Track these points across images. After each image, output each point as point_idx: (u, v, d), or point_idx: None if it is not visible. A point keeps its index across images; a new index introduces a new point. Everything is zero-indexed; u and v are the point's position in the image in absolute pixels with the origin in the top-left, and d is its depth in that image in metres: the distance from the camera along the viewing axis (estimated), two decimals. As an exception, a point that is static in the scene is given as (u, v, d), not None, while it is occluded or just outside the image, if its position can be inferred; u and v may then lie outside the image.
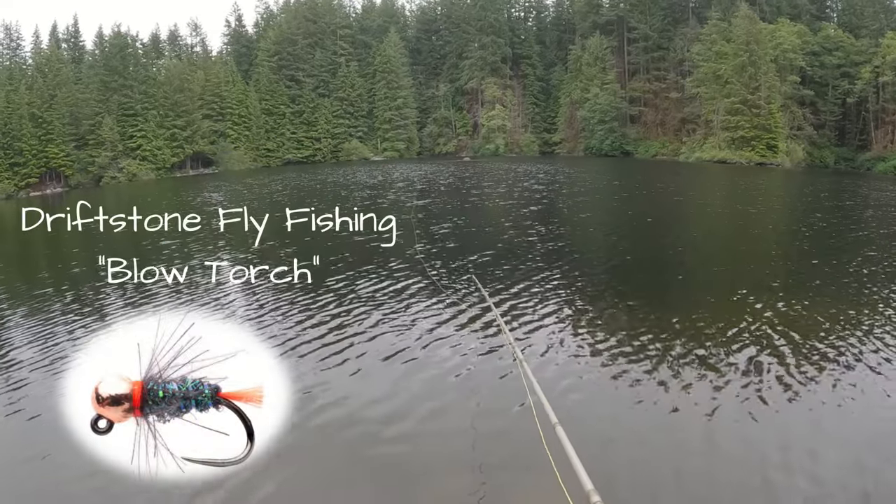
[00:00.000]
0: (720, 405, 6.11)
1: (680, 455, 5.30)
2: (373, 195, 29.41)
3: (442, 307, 9.33)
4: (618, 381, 6.71)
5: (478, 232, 17.57)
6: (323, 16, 78.33)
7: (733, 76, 53.49)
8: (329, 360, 7.37)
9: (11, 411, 6.34)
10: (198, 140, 62.22)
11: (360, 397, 6.31)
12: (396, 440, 5.49)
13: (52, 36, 70.90)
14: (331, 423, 5.75)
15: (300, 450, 5.06)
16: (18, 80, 56.75)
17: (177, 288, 10.84)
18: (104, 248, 12.38)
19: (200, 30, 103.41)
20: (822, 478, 4.84)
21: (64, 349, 7.98)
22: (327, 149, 73.70)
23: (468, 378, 6.76)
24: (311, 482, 5.02)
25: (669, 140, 65.67)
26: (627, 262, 13.65)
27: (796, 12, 64.60)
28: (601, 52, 69.93)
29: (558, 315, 9.06)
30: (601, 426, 5.74)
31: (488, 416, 5.87)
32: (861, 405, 6.06)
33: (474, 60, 76.88)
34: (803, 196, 29.20)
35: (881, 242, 15.16)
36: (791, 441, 5.39)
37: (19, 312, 10.53)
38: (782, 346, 7.56)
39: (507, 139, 74.30)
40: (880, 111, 53.68)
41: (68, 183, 53.87)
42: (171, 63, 70.88)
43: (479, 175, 41.14)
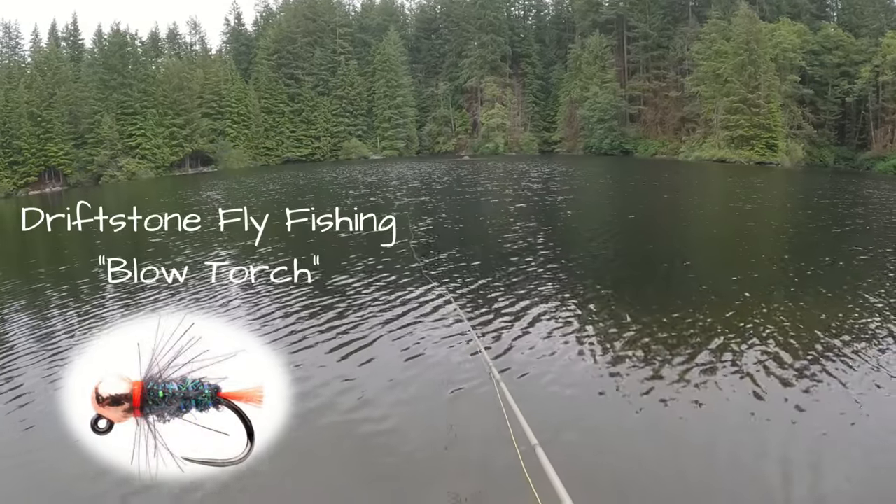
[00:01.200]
0: (709, 422, 5.93)
1: (670, 474, 5.13)
2: (370, 194, 29.41)
3: (418, 324, 8.85)
4: (600, 397, 6.51)
5: (469, 235, 17.57)
6: (322, 14, 78.26)
7: (733, 75, 53.47)
8: (323, 362, 7.36)
9: (11, 411, 6.34)
10: (197, 138, 62.19)
11: (335, 411, 6.15)
12: (371, 461, 5.37)
13: (52, 34, 70.83)
14: (305, 435, 5.59)
15: (298, 451, 5.06)
16: (17, 78, 56.69)
17: (177, 288, 10.84)
18: (104, 248, 12.37)
19: (199, 28, 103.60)
20: (819, 485, 4.81)
21: (64, 349, 7.98)
22: (327, 147, 73.68)
23: (444, 389, 6.54)
24: (303, 485, 5.03)
25: (669, 139, 65.67)
26: (616, 268, 13.55)
27: (796, 11, 64.57)
28: (601, 50, 69.92)
29: (539, 324, 8.77)
30: (584, 445, 5.54)
31: (464, 437, 5.64)
32: (861, 405, 6.04)
33: (474, 59, 76.83)
34: (803, 195, 29.22)
35: (881, 243, 15.16)
36: (788, 451, 5.29)
37: (19, 312, 10.53)
38: (780, 347, 7.55)
39: (506, 138, 74.28)
40: (880, 110, 53.68)
41: (67, 181, 53.85)
42: (170, 61, 70.84)
43: (478, 173, 41.17)
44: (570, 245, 15.65)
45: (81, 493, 4.73)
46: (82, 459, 2.05)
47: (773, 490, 4.73)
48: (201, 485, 4.48)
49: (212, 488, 4.55)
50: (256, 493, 4.70)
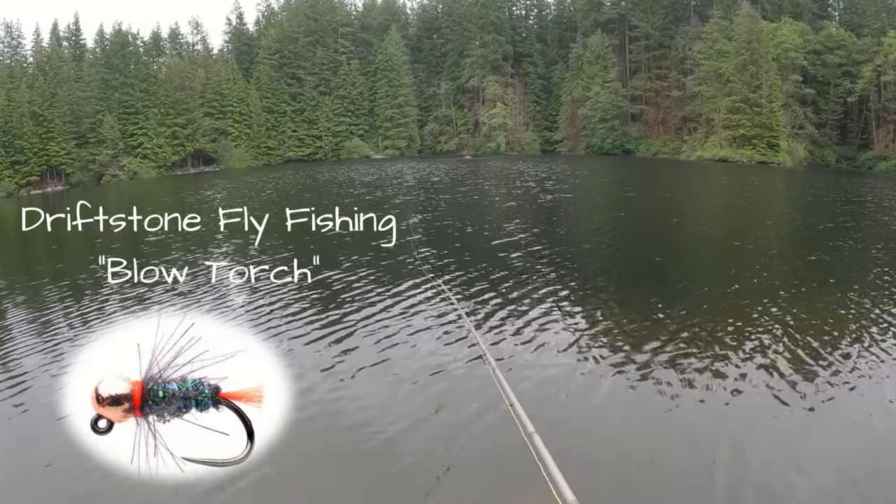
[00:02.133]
0: (702, 409, 6.01)
1: (662, 460, 5.22)
2: (370, 193, 29.41)
3: (417, 316, 9.06)
4: (596, 387, 6.59)
5: (467, 233, 17.56)
6: (324, 14, 78.28)
7: (735, 75, 53.39)
8: (321, 362, 7.36)
9: (10, 410, 6.35)
10: (199, 138, 62.22)
11: (334, 404, 6.19)
12: (370, 452, 5.40)
13: (53, 34, 70.94)
14: (302, 428, 5.61)
15: (299, 450, 5.05)
16: (19, 78, 56.75)
17: (177, 288, 10.85)
18: (104, 248, 12.40)
19: (201, 28, 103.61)
20: (812, 482, 4.81)
21: (63, 349, 7.99)
22: (328, 147, 73.69)
23: (444, 389, 6.60)
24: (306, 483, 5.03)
25: (671, 138, 65.62)
26: (617, 262, 13.62)
27: (798, 11, 64.47)
28: (602, 50, 69.86)
29: (538, 319, 8.91)
30: (580, 433, 5.62)
31: (464, 427, 5.73)
32: (860, 406, 6.03)
33: (475, 58, 76.80)
34: (804, 195, 29.16)
35: (880, 242, 15.13)
36: (783, 445, 5.34)
37: (18, 311, 10.54)
38: (780, 345, 7.54)
39: (508, 137, 74.24)
40: (882, 110, 53.57)
41: (69, 181, 53.89)
42: (171, 61, 70.90)
43: (479, 173, 41.15)
44: (570, 242, 15.65)
45: (81, 493, 4.73)
46: (82, 460, 2.05)
47: (764, 473, 4.73)
48: (201, 486, 4.48)
49: (211, 489, 4.55)
50: (257, 493, 4.70)
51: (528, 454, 2.78)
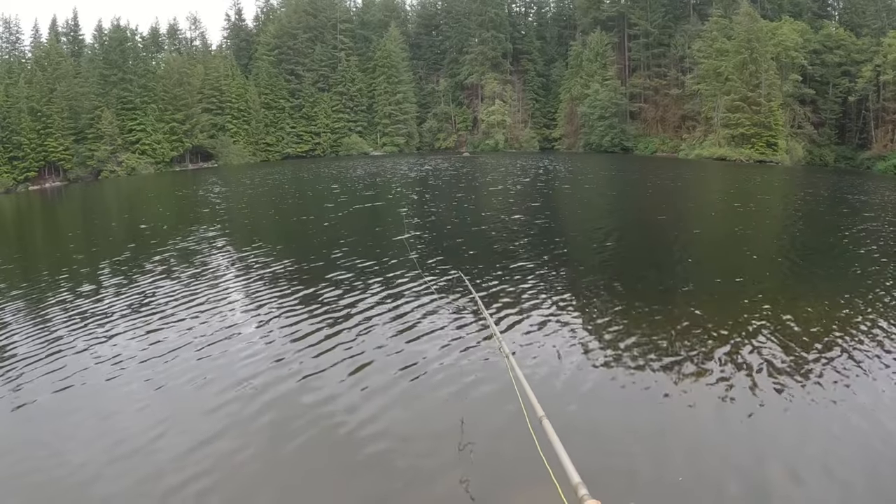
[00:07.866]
0: (710, 399, 6.14)
1: (668, 447, 5.32)
2: (369, 189, 29.42)
3: (431, 304, 9.28)
4: (606, 375, 6.74)
5: (469, 227, 17.59)
6: (323, 10, 78.17)
7: (734, 73, 53.45)
8: (320, 358, 7.37)
9: (11, 411, 6.37)
10: (197, 134, 62.16)
11: (350, 396, 6.28)
12: (385, 436, 5.46)
13: (52, 30, 70.85)
14: (316, 421, 5.70)
15: (292, 449, 5.08)
16: (18, 73, 56.64)
17: (175, 288, 10.87)
18: (104, 248, 12.39)
19: (200, 24, 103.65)
20: (812, 478, 4.87)
21: (63, 349, 8.01)
22: (327, 143, 73.70)
23: (456, 374, 6.72)
24: (300, 482, 5.05)
25: (669, 137, 65.76)
26: (618, 257, 13.67)
27: (798, 10, 64.56)
28: (602, 48, 69.91)
29: (546, 308, 9.07)
30: (588, 419, 5.77)
31: (476, 411, 5.88)
32: (859, 406, 6.08)
33: (474, 55, 76.79)
34: (803, 194, 29.22)
35: (878, 242, 15.19)
36: (784, 437, 5.42)
37: (17, 312, 10.56)
38: (778, 343, 7.59)
39: (506, 135, 74.33)
40: (881, 110, 53.70)
41: (67, 177, 53.82)
42: (170, 57, 70.77)
43: (477, 170, 41.15)
44: (571, 240, 15.69)
45: (80, 492, 4.76)
46: (81, 458, 2.09)
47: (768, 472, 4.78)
48: (200, 485, 4.52)
49: (209, 488, 4.58)
50: (261, 489, 4.73)
51: (538, 438, 2.86)
